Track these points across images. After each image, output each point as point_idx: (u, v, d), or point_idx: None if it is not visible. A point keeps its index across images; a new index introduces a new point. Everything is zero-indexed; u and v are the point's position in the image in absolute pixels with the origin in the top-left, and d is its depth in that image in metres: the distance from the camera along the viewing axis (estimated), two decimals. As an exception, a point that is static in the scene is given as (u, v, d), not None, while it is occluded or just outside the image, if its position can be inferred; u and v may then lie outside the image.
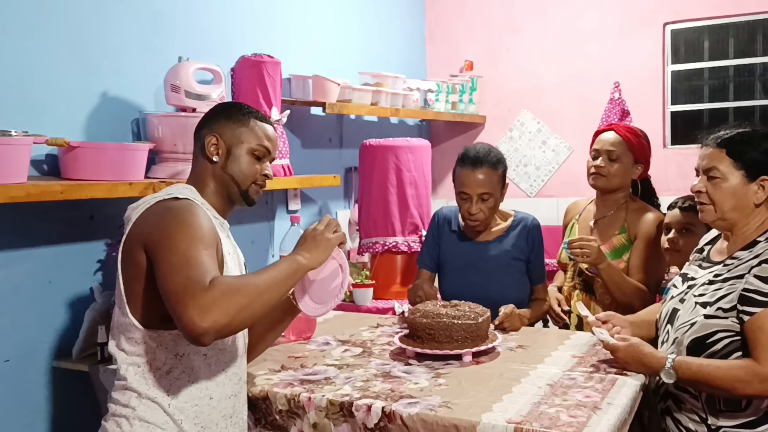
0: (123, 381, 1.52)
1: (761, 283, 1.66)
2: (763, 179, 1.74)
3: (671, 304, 1.88)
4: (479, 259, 2.45)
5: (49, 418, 2.23)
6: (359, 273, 3.30)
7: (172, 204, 1.53)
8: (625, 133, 2.49)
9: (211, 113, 1.71)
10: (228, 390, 1.61)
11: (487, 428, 1.49)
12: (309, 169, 3.36)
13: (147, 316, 1.51)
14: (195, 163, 1.69)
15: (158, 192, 1.61)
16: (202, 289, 1.34)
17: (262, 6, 3.15)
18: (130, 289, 1.52)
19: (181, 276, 1.36)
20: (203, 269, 1.38)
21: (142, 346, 1.51)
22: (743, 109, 3.98)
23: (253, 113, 1.70)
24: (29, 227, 2.16)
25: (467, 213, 2.38)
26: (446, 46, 4.63)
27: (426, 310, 2.01)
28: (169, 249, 1.42)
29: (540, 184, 4.44)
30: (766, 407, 1.70)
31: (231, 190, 1.67)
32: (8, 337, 2.11)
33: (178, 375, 1.53)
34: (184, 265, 1.38)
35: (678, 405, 1.81)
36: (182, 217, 1.48)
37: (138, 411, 1.50)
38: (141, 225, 1.51)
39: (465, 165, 2.37)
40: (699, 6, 3.99)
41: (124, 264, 1.53)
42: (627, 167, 2.48)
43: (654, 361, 1.75)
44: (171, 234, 1.44)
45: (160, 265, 1.41)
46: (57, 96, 2.24)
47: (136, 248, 1.49)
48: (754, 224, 1.77)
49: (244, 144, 1.66)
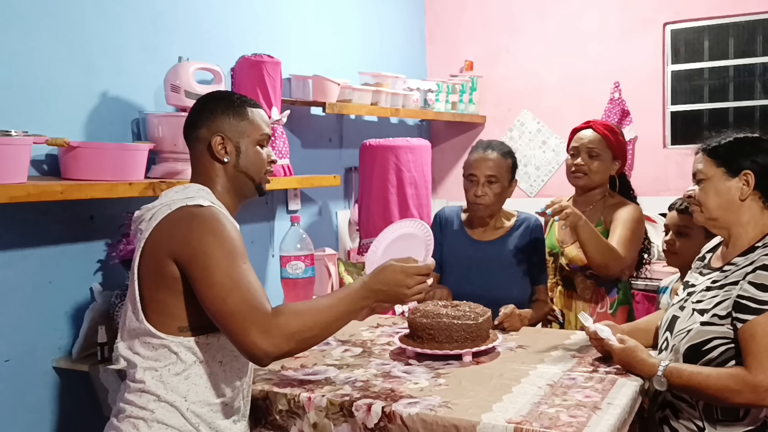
0: (140, 384, 1.51)
1: (755, 290, 1.65)
2: (745, 173, 1.74)
3: (671, 311, 1.88)
4: (481, 259, 2.45)
5: (49, 418, 2.23)
6: (359, 273, 3.29)
7: (198, 213, 1.50)
8: (603, 131, 2.50)
9: (203, 110, 1.65)
10: (241, 395, 1.63)
11: (487, 428, 1.49)
12: (309, 169, 3.36)
13: (167, 324, 1.51)
14: (198, 164, 1.65)
15: (172, 193, 1.58)
16: (265, 315, 1.40)
17: (262, 6, 3.15)
18: (151, 296, 1.51)
19: (234, 298, 1.40)
20: (254, 289, 1.43)
21: (160, 351, 1.51)
22: (743, 109, 3.98)
23: (246, 101, 1.68)
24: (29, 227, 2.16)
25: (473, 196, 2.39)
26: (446, 46, 4.63)
27: (426, 310, 2.01)
28: (209, 267, 1.43)
29: (540, 184, 4.44)
30: (764, 416, 1.68)
31: (245, 186, 1.67)
32: (8, 337, 2.11)
33: (195, 380, 1.53)
34: (233, 286, 1.42)
35: (675, 414, 1.80)
36: (214, 229, 1.48)
37: (156, 414, 1.50)
38: (165, 233, 1.49)
39: (477, 150, 2.45)
40: (699, 6, 3.99)
41: (143, 270, 1.51)
42: (607, 164, 2.50)
43: (645, 368, 1.75)
44: (208, 251, 1.45)
45: (203, 283, 1.44)
46: (57, 96, 2.24)
47: (162, 258, 1.48)
48: (752, 230, 1.76)
49: (249, 137, 1.65)
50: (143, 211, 1.59)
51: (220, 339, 1.54)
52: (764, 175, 1.73)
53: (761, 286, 1.65)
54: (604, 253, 2.31)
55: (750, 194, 1.74)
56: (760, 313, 1.63)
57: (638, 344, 1.81)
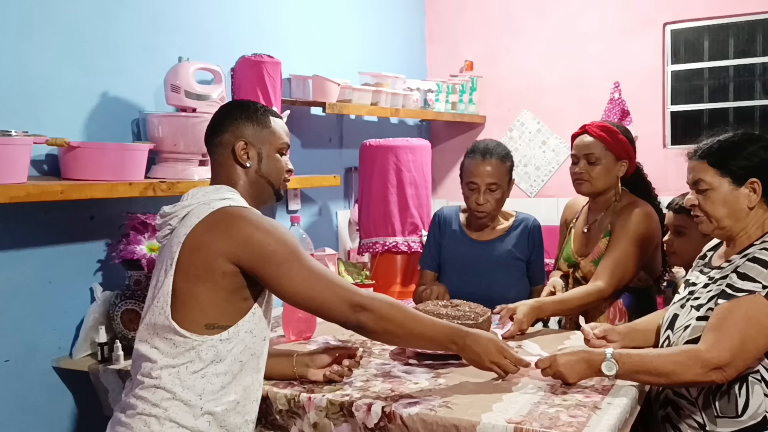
0: (154, 380, 1.52)
1: (737, 278, 1.67)
2: (752, 181, 1.73)
3: (673, 309, 1.88)
4: (480, 259, 2.45)
5: (49, 418, 2.23)
6: (359, 273, 3.30)
7: (242, 213, 1.57)
8: (598, 133, 2.36)
9: (227, 116, 1.71)
10: (253, 395, 1.64)
11: (487, 428, 1.49)
12: (309, 169, 3.36)
13: (195, 320, 1.53)
14: (221, 168, 1.70)
15: (202, 193, 1.63)
16: (357, 292, 1.60)
17: (262, 6, 3.15)
18: (185, 291, 1.53)
19: (320, 283, 1.58)
20: (333, 274, 1.63)
21: (180, 348, 1.52)
22: (743, 109, 3.98)
23: (268, 111, 1.75)
24: (29, 227, 2.16)
25: (475, 203, 2.38)
26: (446, 46, 4.63)
27: (426, 310, 2.01)
28: (282, 263, 1.55)
29: (540, 184, 4.45)
30: (764, 411, 1.68)
31: (265, 191, 1.73)
32: (8, 337, 2.11)
33: (211, 379, 1.54)
34: (311, 275, 1.57)
35: (677, 412, 1.80)
36: (268, 228, 1.57)
37: (170, 412, 1.50)
38: (216, 232, 1.54)
39: (474, 156, 2.40)
40: (699, 6, 3.99)
41: (187, 266, 1.54)
42: (609, 167, 2.37)
43: (594, 355, 1.71)
44: (275, 249, 1.55)
45: (284, 287, 1.57)
46: (57, 96, 2.24)
47: (214, 256, 1.53)
48: (753, 231, 1.76)
49: (271, 145, 1.71)
50: (176, 208, 1.63)
51: (244, 338, 1.57)
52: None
53: (743, 275, 1.66)
54: (586, 301, 2.26)
55: (758, 201, 1.74)
56: (734, 298, 1.64)
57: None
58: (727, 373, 1.62)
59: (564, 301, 2.27)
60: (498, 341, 1.72)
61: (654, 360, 1.66)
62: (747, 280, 1.66)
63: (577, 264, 2.45)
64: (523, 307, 2.16)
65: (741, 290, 1.65)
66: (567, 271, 2.50)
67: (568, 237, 2.55)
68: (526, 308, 2.15)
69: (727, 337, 1.61)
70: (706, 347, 1.62)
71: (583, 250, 2.45)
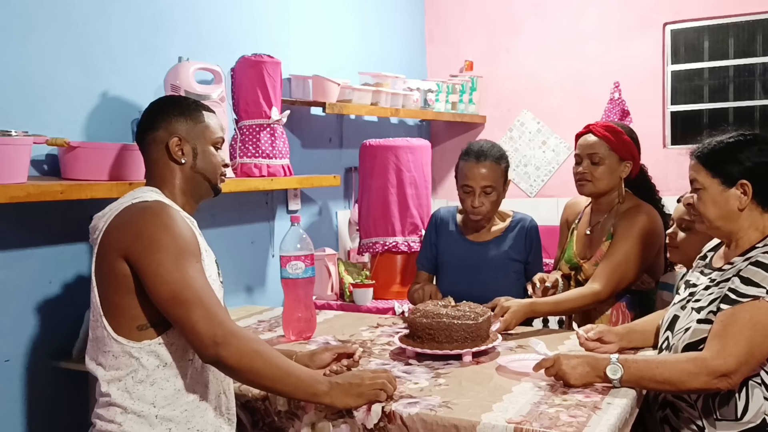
0: (106, 397, 1.51)
1: (740, 283, 1.66)
2: (742, 183, 1.73)
3: (672, 311, 1.88)
4: (477, 260, 2.44)
5: (49, 418, 2.23)
6: (359, 273, 3.30)
7: (145, 207, 1.52)
8: (603, 133, 2.33)
9: (160, 113, 1.67)
10: (217, 388, 1.62)
11: (487, 428, 1.49)
12: (309, 169, 3.36)
13: (127, 327, 1.50)
14: (154, 166, 1.66)
15: (122, 197, 1.60)
16: (220, 324, 1.44)
17: (262, 6, 3.15)
18: (108, 300, 1.51)
19: (189, 294, 1.44)
20: (208, 289, 1.49)
21: (121, 359, 1.51)
22: (743, 109, 3.98)
23: (200, 105, 1.71)
24: (29, 227, 2.16)
25: (470, 206, 2.38)
26: (446, 46, 4.63)
27: (426, 310, 2.01)
28: (162, 263, 1.45)
29: (540, 184, 4.45)
30: (763, 414, 1.68)
31: (202, 187, 1.70)
32: (8, 337, 2.11)
33: (162, 384, 1.52)
34: (186, 286, 1.45)
35: (676, 414, 1.79)
36: (165, 223, 1.49)
37: (124, 426, 1.49)
38: (114, 233, 1.51)
39: (469, 158, 2.38)
40: (699, 6, 3.99)
41: (99, 275, 1.53)
42: (612, 168, 2.34)
43: (599, 359, 1.71)
44: (160, 245, 1.46)
45: (152, 278, 1.45)
46: (57, 96, 2.24)
47: (114, 258, 1.49)
48: (753, 232, 1.76)
49: (206, 140, 1.68)
50: (96, 220, 1.60)
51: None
52: (760, 182, 1.72)
53: (747, 279, 1.66)
54: (580, 304, 2.25)
55: (748, 203, 1.74)
56: (738, 304, 1.63)
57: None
58: (733, 381, 1.61)
59: (558, 302, 2.26)
60: (364, 375, 1.63)
61: (659, 367, 1.65)
62: (751, 285, 1.65)
63: (578, 266, 2.43)
64: (514, 306, 2.15)
65: (745, 295, 1.64)
66: (568, 273, 2.49)
67: (570, 238, 2.54)
68: (517, 308, 2.15)
69: (732, 344, 1.60)
70: (712, 355, 1.61)
71: (585, 252, 2.44)
